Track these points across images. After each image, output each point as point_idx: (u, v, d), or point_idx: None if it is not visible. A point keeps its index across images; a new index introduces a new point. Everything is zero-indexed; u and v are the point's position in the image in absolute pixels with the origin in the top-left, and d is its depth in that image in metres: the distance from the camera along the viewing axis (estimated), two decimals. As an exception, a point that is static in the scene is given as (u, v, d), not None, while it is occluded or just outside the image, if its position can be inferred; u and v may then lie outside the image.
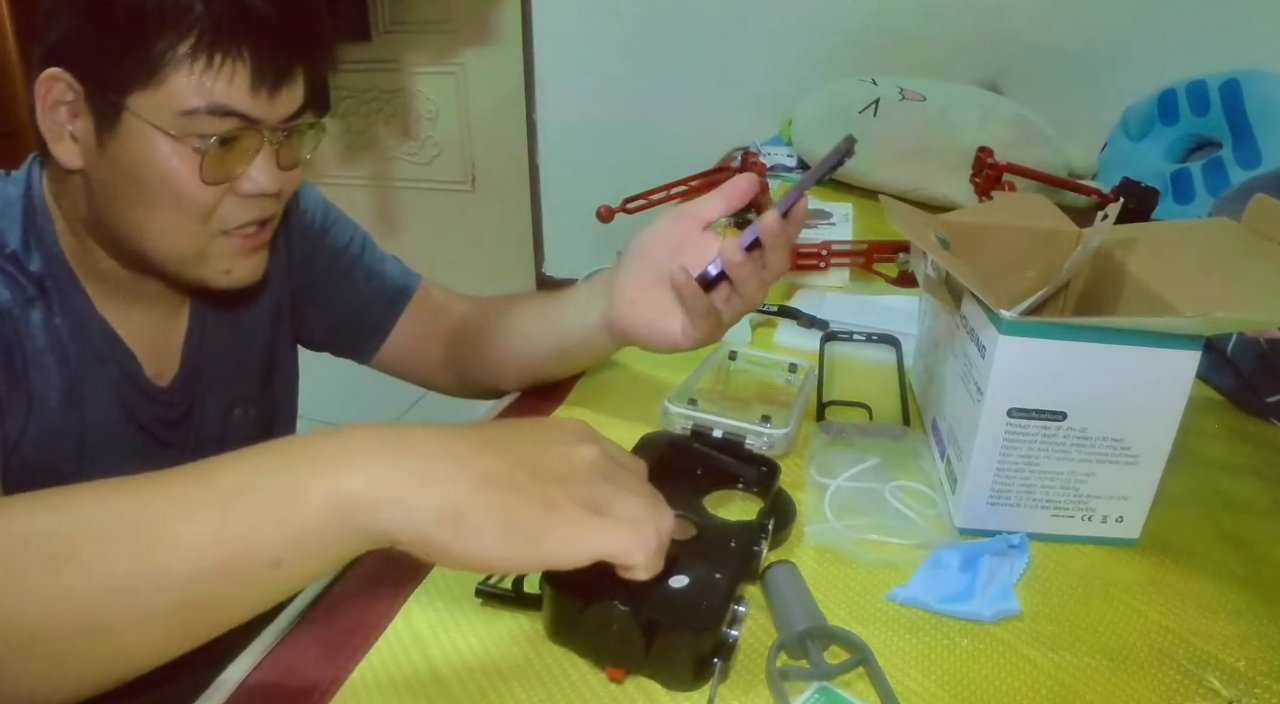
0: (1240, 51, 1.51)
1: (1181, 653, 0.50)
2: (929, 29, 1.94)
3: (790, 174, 1.57)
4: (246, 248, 0.64)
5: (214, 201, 0.60)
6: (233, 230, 0.62)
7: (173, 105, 0.55)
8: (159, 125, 0.56)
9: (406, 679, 0.48)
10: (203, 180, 0.58)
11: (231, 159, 0.59)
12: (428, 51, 2.59)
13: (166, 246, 0.61)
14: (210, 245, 0.62)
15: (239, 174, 0.60)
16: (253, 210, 0.62)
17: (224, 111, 0.56)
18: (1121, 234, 0.65)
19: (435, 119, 2.67)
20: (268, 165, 0.60)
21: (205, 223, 0.60)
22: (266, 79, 0.57)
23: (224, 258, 0.63)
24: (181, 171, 0.57)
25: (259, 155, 0.60)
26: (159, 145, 0.56)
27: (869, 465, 0.65)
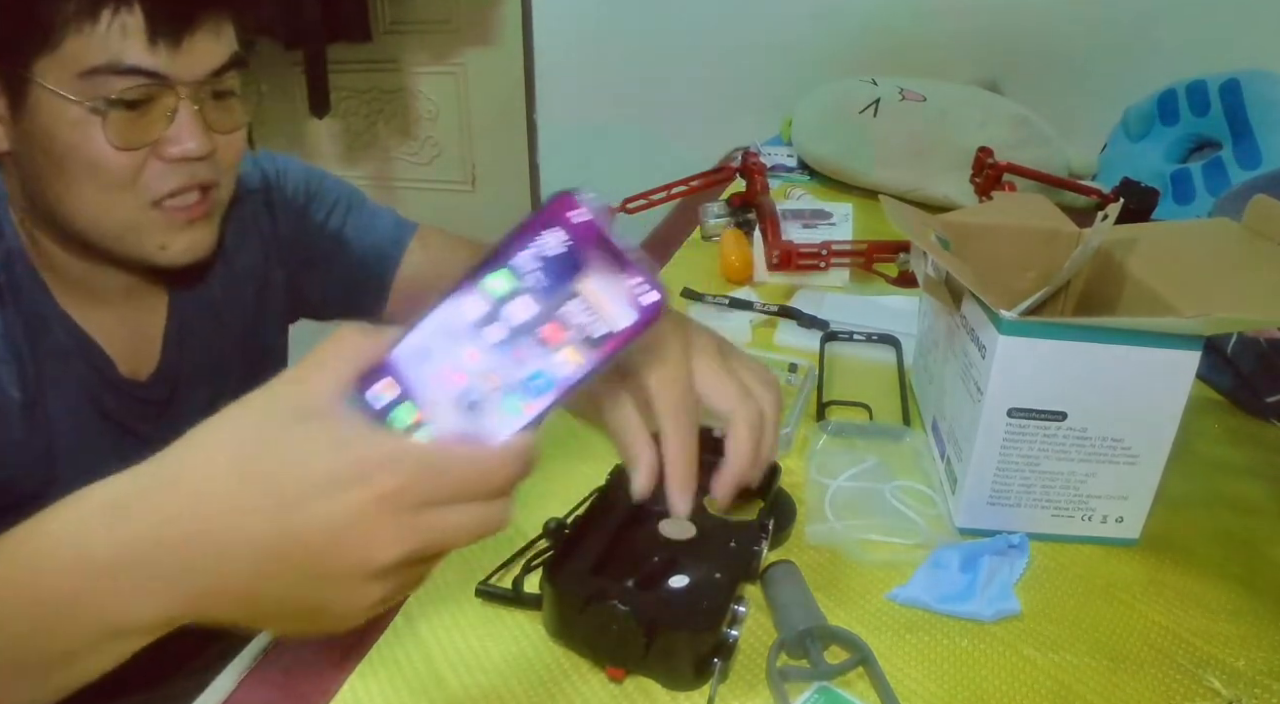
0: (1240, 51, 1.50)
1: (1181, 653, 0.50)
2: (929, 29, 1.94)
3: (790, 174, 1.57)
4: (182, 220, 0.59)
5: (134, 168, 0.56)
6: (166, 200, 0.58)
7: (72, 68, 0.53)
8: (61, 91, 0.53)
9: (406, 679, 0.48)
10: (113, 145, 0.54)
11: (145, 121, 0.55)
12: (428, 51, 2.58)
13: (93, 221, 0.58)
14: (141, 217, 0.58)
15: (157, 137, 0.56)
16: (181, 176, 0.58)
17: (124, 69, 0.53)
18: (1121, 234, 0.65)
19: (435, 119, 2.67)
20: (192, 126, 0.56)
21: (129, 192, 0.57)
22: (164, 30, 0.53)
23: (158, 231, 0.59)
24: (92, 138, 0.54)
25: (179, 115, 0.56)
26: (66, 113, 0.53)
27: (869, 465, 0.65)
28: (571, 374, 0.32)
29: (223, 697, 0.47)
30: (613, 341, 0.31)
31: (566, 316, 0.31)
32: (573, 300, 0.31)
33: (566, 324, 0.31)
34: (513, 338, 0.32)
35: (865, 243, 1.01)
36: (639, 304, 0.31)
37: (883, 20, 1.98)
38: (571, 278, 0.31)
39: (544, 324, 0.32)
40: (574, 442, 0.70)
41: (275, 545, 0.30)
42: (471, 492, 0.31)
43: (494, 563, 0.55)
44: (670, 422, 0.41)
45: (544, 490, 0.64)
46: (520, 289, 0.32)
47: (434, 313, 0.32)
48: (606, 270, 0.31)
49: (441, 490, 0.31)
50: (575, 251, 0.31)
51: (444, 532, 0.31)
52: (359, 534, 0.30)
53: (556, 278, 0.32)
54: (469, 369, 0.32)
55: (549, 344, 0.32)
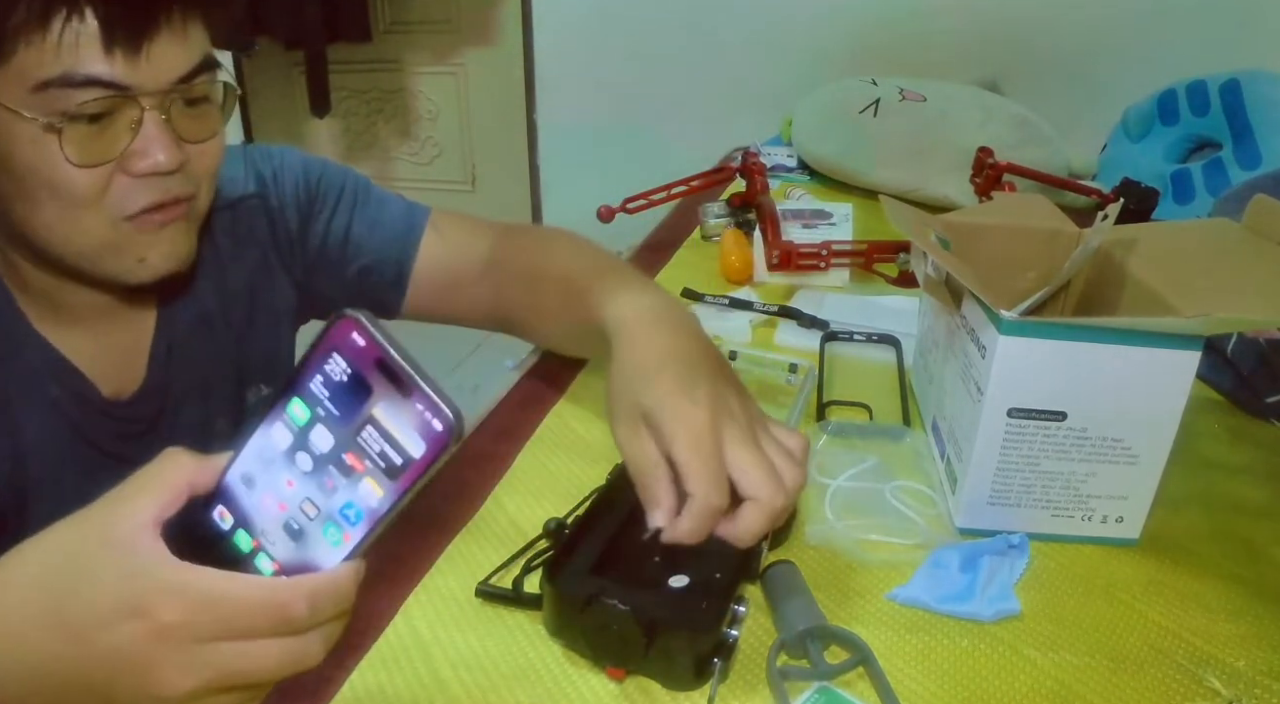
0: (1240, 51, 1.51)
1: (1181, 653, 0.50)
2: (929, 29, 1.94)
3: (790, 174, 1.57)
4: (156, 224, 0.55)
5: (98, 186, 0.52)
6: (137, 215, 0.54)
7: (25, 82, 0.49)
8: (15, 107, 0.49)
9: (406, 679, 0.48)
10: (73, 163, 0.50)
11: (107, 136, 0.51)
12: (428, 51, 2.59)
13: (63, 241, 0.54)
14: (113, 234, 0.54)
15: (121, 151, 0.52)
16: (153, 192, 0.54)
17: (80, 81, 0.49)
18: (1121, 234, 0.65)
19: (435, 119, 2.67)
20: (160, 138, 0.52)
21: (95, 210, 0.53)
22: (120, 37, 0.49)
23: (133, 245, 0.55)
24: (49, 156, 0.50)
25: (145, 127, 0.52)
26: (20, 130, 0.50)
27: (869, 465, 0.65)
28: (377, 506, 0.31)
29: (223, 697, 0.47)
30: (409, 472, 0.30)
31: (363, 445, 0.31)
32: (367, 428, 0.31)
33: (364, 454, 0.31)
34: (318, 467, 0.31)
35: (865, 243, 1.01)
36: (428, 432, 0.30)
37: (883, 20, 1.98)
38: (362, 404, 0.31)
39: (344, 452, 0.31)
40: (574, 442, 0.70)
41: (66, 671, 0.31)
42: (264, 628, 0.31)
43: (494, 563, 0.56)
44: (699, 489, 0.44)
45: (544, 490, 0.64)
46: (315, 418, 0.31)
47: (251, 439, 0.32)
48: (394, 396, 0.30)
49: (227, 625, 0.30)
50: (361, 377, 0.30)
51: (236, 667, 0.31)
52: (140, 666, 0.30)
53: (348, 405, 0.31)
54: (288, 497, 0.32)
55: (353, 473, 0.31)
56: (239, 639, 0.30)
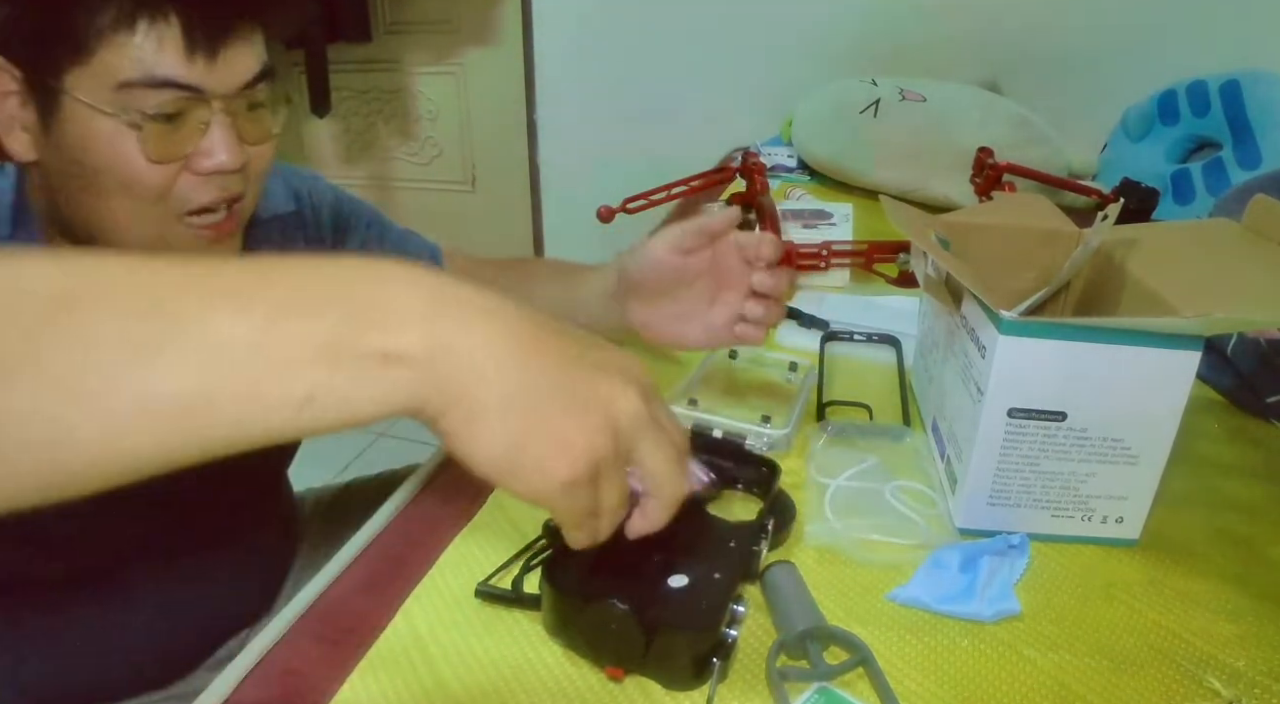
0: (1240, 51, 1.51)
1: (1181, 653, 0.50)
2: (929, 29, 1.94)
3: (790, 174, 1.57)
4: (209, 237, 0.59)
5: (167, 182, 0.56)
6: (194, 215, 0.58)
7: (106, 81, 0.52)
8: (96, 104, 0.52)
9: (406, 679, 0.48)
10: (148, 159, 0.54)
11: (180, 135, 0.55)
12: (428, 51, 2.59)
13: (124, 236, 0.57)
14: (170, 231, 0.58)
15: (191, 150, 0.56)
16: (214, 190, 0.57)
17: (160, 82, 0.52)
18: (1121, 234, 0.65)
19: (435, 119, 2.67)
20: (226, 139, 0.56)
21: (160, 205, 0.56)
22: (201, 42, 0.53)
23: (183, 247, 0.59)
24: (126, 152, 0.53)
25: (213, 128, 0.56)
26: (99, 126, 0.53)
27: (869, 465, 0.65)
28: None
29: (223, 697, 0.47)
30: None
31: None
32: None
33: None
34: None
35: (865, 243, 1.01)
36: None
37: (883, 20, 1.98)
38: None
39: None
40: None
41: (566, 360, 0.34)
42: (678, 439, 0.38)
43: (494, 563, 0.56)
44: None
45: (544, 490, 0.64)
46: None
47: None
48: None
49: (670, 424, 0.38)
50: None
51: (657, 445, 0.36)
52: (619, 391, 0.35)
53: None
54: None
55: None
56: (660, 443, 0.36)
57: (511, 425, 0.32)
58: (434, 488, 0.66)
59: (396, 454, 2.14)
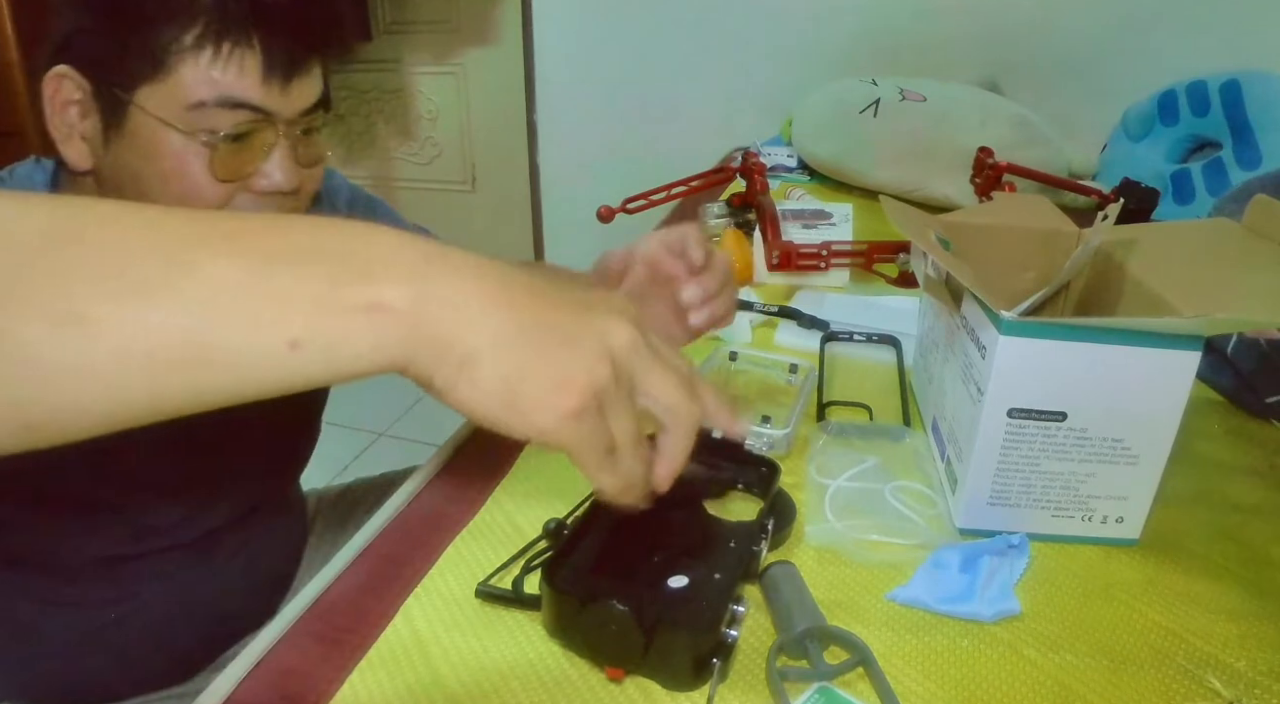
0: (1240, 51, 1.51)
1: (1181, 653, 0.50)
2: (929, 29, 1.94)
3: (790, 174, 1.57)
4: None
5: (225, 200, 0.57)
6: None
7: (181, 99, 0.53)
8: (167, 120, 0.54)
9: (406, 679, 0.48)
10: (214, 177, 0.55)
11: (245, 155, 0.56)
12: (428, 51, 2.59)
13: None
14: None
15: (253, 170, 0.57)
16: (268, 208, 0.59)
17: (234, 103, 0.54)
18: (1121, 234, 0.65)
19: (435, 119, 2.67)
20: (285, 161, 0.58)
21: None
22: (278, 69, 0.55)
23: None
24: (192, 168, 0.55)
25: (275, 151, 0.57)
26: (168, 141, 0.54)
27: (869, 465, 0.65)
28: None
29: (223, 697, 0.47)
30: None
31: None
32: None
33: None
34: None
35: (865, 243, 1.01)
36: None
37: (883, 20, 1.98)
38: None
39: None
40: (574, 442, 0.70)
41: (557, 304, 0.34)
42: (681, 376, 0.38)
43: (494, 563, 0.56)
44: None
45: (544, 490, 0.64)
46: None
47: None
48: None
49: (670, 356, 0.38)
50: None
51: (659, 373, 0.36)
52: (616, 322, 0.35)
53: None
54: None
55: None
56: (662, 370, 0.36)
57: (506, 365, 0.32)
58: (434, 488, 0.66)
59: (397, 454, 2.14)
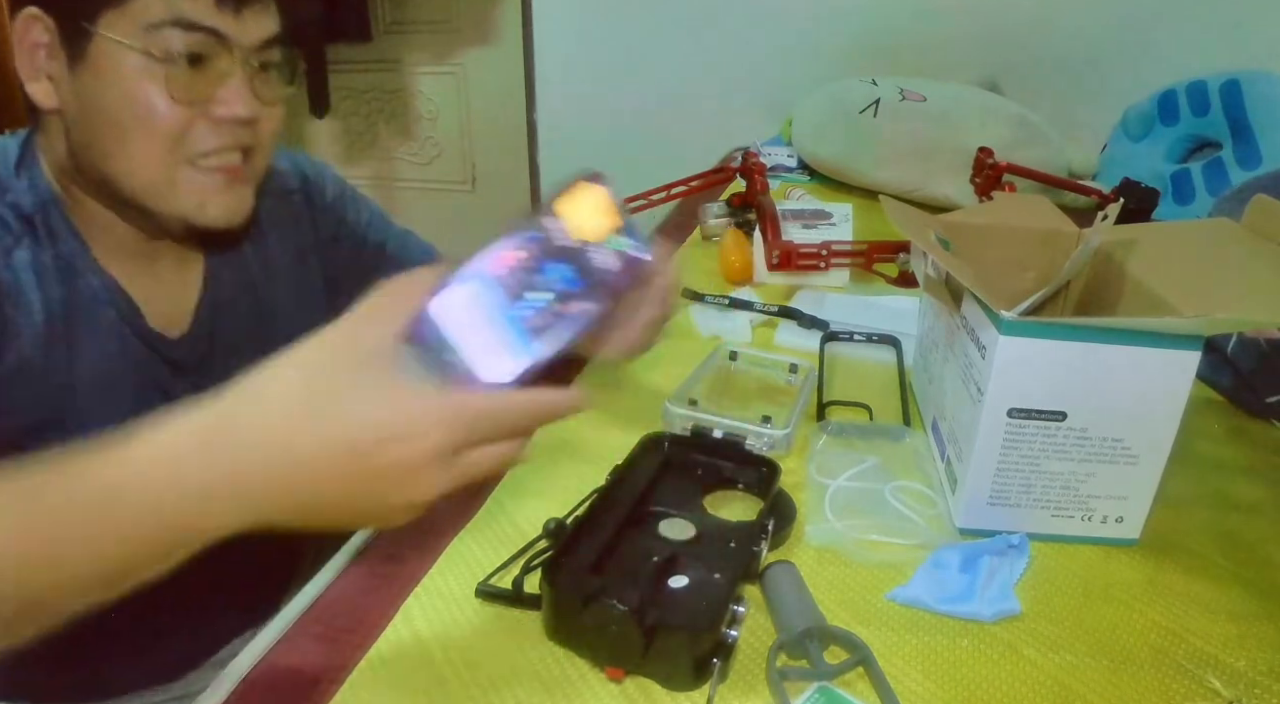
0: (1240, 51, 1.51)
1: (1181, 653, 0.50)
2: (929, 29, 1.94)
3: (790, 174, 1.57)
4: (221, 181, 0.62)
5: (183, 124, 0.59)
6: (206, 159, 0.61)
7: (139, 20, 0.56)
8: (126, 41, 0.56)
9: (406, 679, 0.48)
10: (171, 98, 0.58)
11: (203, 80, 0.59)
12: (428, 51, 2.58)
13: (137, 174, 0.60)
14: (179, 173, 0.61)
15: (210, 96, 0.59)
16: (225, 136, 0.61)
17: (189, 24, 0.57)
18: (1121, 234, 0.65)
19: (435, 119, 2.67)
20: (242, 90, 0.60)
21: (175, 148, 0.60)
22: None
23: (197, 190, 0.62)
24: (149, 90, 0.57)
25: (232, 79, 0.60)
26: (127, 63, 0.57)
27: (869, 465, 0.65)
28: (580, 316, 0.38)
29: (223, 696, 0.47)
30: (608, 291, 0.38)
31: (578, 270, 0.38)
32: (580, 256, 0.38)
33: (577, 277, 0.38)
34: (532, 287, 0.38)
35: (865, 243, 1.01)
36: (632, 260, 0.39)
37: (883, 20, 1.98)
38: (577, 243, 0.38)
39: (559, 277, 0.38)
40: (574, 442, 0.70)
41: (344, 479, 0.35)
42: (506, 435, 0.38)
43: (494, 563, 0.56)
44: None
45: (544, 490, 0.64)
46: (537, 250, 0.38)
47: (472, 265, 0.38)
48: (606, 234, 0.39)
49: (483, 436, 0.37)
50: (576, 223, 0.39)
51: (482, 467, 0.37)
52: (409, 478, 0.36)
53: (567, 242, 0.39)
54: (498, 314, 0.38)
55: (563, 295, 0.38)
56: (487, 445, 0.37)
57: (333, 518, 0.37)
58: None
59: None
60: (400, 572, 0.56)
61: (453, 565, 0.56)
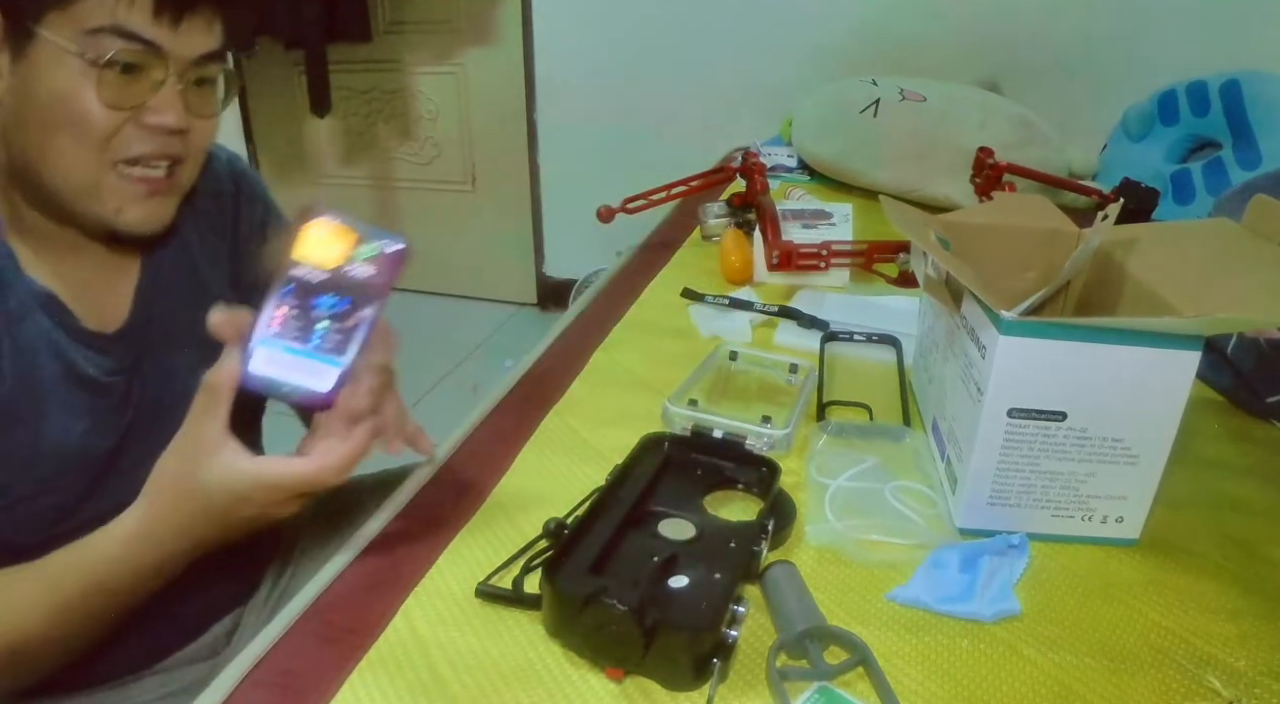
0: (1240, 51, 1.51)
1: (1181, 653, 0.50)
2: (929, 29, 1.94)
3: (790, 174, 1.57)
4: (143, 190, 0.63)
5: (112, 128, 0.60)
6: (132, 167, 0.62)
7: (78, 25, 0.58)
8: (65, 44, 0.58)
9: (406, 679, 0.48)
10: (101, 101, 0.59)
11: (135, 87, 0.60)
12: (428, 51, 2.59)
13: (63, 173, 0.61)
14: (105, 177, 0.62)
15: (141, 103, 0.61)
16: (153, 143, 0.62)
17: (125, 33, 0.58)
18: (1121, 234, 0.65)
19: (435, 119, 2.67)
20: (175, 100, 0.61)
21: (102, 149, 0.61)
22: (168, 7, 0.59)
23: (117, 194, 0.63)
24: (82, 91, 0.59)
25: (165, 88, 0.61)
26: (64, 64, 0.58)
27: (869, 465, 0.65)
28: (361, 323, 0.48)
29: (223, 697, 0.47)
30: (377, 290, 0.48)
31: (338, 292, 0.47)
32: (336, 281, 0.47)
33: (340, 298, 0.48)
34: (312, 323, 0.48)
35: (865, 243, 1.01)
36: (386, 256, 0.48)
37: (883, 20, 1.98)
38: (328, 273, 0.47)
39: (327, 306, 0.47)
40: (574, 442, 0.70)
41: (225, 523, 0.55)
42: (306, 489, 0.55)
43: (494, 563, 0.56)
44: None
45: (544, 490, 0.64)
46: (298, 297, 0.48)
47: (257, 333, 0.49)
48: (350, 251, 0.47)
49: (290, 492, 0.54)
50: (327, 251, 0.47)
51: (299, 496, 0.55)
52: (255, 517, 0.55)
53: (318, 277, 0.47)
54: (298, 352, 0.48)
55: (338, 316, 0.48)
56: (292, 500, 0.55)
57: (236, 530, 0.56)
58: (434, 488, 0.66)
59: (396, 454, 2.14)
60: (400, 572, 0.56)
61: (453, 565, 0.56)
